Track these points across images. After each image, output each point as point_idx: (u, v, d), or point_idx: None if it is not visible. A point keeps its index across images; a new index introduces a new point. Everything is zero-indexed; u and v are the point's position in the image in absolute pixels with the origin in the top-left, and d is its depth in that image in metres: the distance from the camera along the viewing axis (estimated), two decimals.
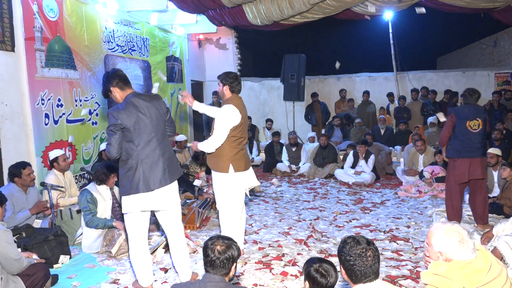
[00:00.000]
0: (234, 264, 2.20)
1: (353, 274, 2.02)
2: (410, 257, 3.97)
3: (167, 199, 3.23)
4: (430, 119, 8.73)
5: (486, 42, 12.23)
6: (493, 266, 2.04)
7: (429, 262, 2.16)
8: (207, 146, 3.71)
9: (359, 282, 2.02)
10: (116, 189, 4.52)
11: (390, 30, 10.37)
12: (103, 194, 4.33)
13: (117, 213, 4.42)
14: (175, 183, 3.31)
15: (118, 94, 3.17)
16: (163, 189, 3.17)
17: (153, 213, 3.38)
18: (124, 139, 3.06)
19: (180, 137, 8.06)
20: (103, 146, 6.02)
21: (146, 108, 3.13)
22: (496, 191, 5.50)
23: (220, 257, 2.13)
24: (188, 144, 3.87)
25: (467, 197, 5.81)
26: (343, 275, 2.10)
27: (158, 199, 3.17)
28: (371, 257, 2.01)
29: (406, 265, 3.80)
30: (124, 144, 3.07)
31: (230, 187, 3.75)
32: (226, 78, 3.79)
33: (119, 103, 3.16)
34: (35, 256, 3.54)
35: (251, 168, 3.95)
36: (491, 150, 5.57)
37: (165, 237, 4.09)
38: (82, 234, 4.36)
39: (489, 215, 5.08)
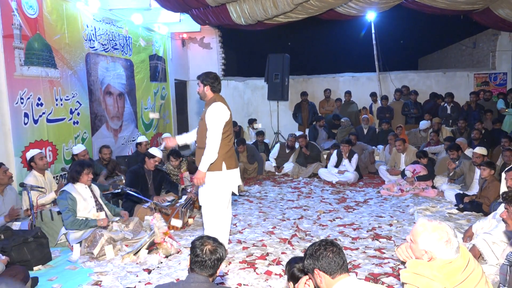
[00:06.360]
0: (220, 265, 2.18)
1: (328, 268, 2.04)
2: (393, 255, 4.02)
3: None
4: (423, 124, 8.61)
5: (465, 44, 12.48)
6: (470, 262, 2.06)
7: (408, 257, 2.15)
8: (210, 154, 3.58)
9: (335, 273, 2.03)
10: (94, 187, 4.45)
11: (373, 31, 10.49)
12: (82, 193, 4.25)
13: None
14: None
15: None
16: None
17: None
18: None
19: (165, 135, 8.06)
20: (76, 149, 5.76)
21: None
22: (475, 188, 5.61)
23: (212, 257, 2.09)
24: (194, 181, 3.70)
25: (447, 194, 5.95)
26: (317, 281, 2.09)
27: None
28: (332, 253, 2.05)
29: (389, 262, 3.85)
30: None
31: (222, 185, 3.72)
32: (207, 78, 3.76)
33: None
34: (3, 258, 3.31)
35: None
36: (477, 150, 5.70)
37: (149, 236, 4.06)
38: (64, 234, 4.29)
39: (469, 213, 5.21)
